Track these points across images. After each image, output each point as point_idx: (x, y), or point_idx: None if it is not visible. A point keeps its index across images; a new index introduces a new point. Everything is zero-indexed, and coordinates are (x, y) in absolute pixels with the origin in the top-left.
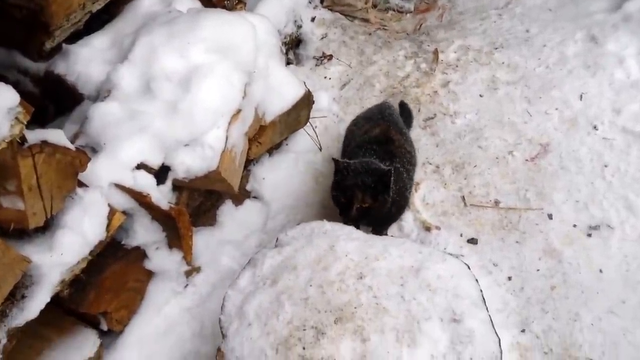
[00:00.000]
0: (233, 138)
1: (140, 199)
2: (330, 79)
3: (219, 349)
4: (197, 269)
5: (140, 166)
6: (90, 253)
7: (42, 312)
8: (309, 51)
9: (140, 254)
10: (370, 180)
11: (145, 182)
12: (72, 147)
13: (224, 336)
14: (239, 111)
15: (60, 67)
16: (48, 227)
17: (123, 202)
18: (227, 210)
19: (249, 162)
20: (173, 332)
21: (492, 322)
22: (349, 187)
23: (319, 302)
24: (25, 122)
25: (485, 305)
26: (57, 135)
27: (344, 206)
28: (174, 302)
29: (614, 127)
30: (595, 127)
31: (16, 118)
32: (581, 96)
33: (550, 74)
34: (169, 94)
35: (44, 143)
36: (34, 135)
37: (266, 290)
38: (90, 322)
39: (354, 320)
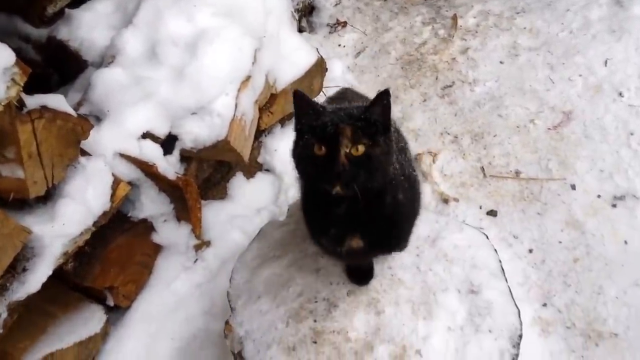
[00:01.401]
0: (242, 106)
1: (147, 169)
2: (344, 46)
3: (227, 323)
4: (207, 243)
5: (146, 135)
6: (94, 224)
7: (46, 288)
8: (322, 18)
9: (147, 226)
10: (358, 113)
11: (152, 152)
12: (73, 113)
13: (232, 309)
14: (248, 78)
15: (62, 32)
16: (49, 196)
17: (128, 172)
18: (238, 183)
19: (260, 132)
20: (182, 309)
21: (511, 293)
22: (330, 123)
23: (331, 274)
24: (22, 84)
25: (504, 275)
26: (57, 101)
27: (324, 162)
28: (184, 277)
29: None
30: (620, 94)
31: (12, 79)
32: (606, 62)
33: (573, 39)
34: (175, 59)
35: (44, 108)
36: (33, 100)
37: (276, 262)
38: (96, 298)
39: (367, 292)
